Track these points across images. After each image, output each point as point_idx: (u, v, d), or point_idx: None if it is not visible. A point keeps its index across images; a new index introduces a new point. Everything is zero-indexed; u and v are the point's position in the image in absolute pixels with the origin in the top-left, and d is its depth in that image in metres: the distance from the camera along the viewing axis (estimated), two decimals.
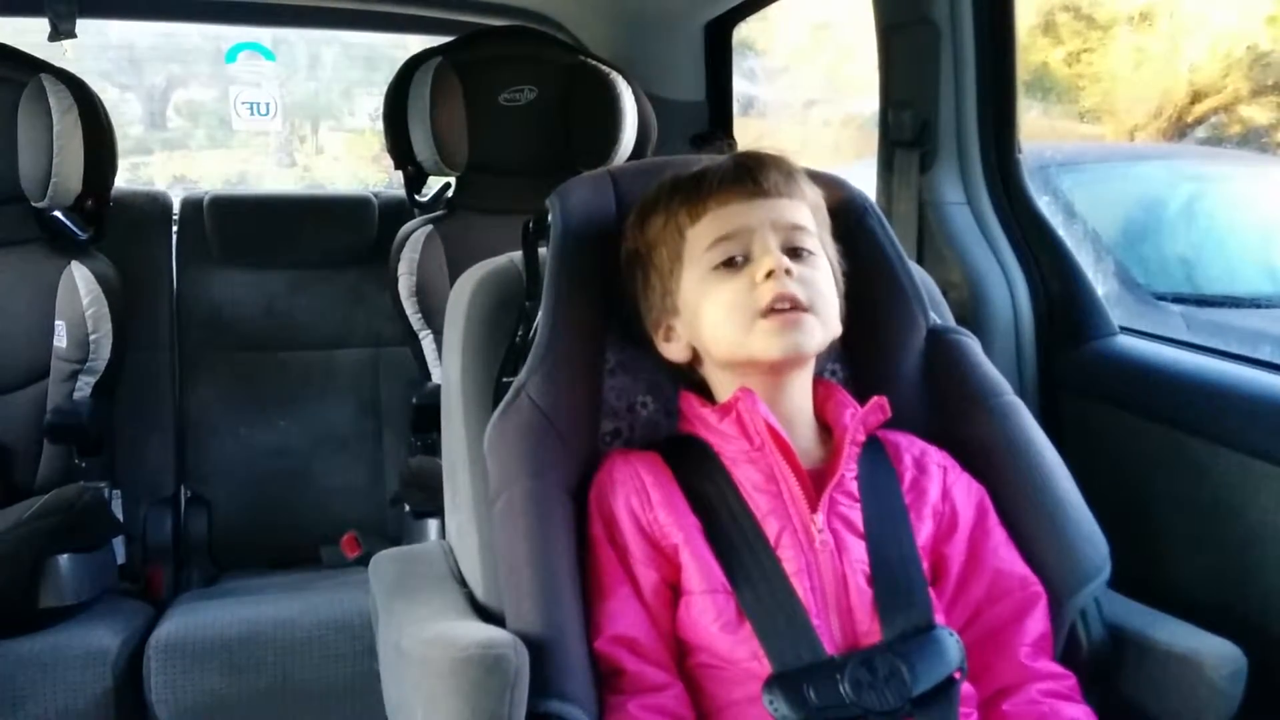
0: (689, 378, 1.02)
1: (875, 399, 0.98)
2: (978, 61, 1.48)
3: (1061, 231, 1.51)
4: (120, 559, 1.81)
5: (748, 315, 0.93)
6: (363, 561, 1.59)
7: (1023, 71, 1.51)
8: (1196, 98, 3.21)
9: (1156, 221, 2.43)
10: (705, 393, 1.01)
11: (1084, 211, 2.04)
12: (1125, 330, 1.45)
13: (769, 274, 0.92)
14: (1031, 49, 3.21)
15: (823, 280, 0.96)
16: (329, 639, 1.57)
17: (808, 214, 0.98)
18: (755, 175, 0.96)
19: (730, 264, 0.95)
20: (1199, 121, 3.22)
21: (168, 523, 2.00)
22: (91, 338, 1.79)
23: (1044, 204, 1.54)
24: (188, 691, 1.52)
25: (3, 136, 1.76)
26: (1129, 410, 1.33)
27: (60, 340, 1.78)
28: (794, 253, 0.95)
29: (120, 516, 1.86)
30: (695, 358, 1.00)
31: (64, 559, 1.57)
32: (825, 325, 0.95)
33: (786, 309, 0.92)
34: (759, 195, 0.96)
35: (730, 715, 0.88)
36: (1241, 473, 1.16)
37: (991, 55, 1.48)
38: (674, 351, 1.00)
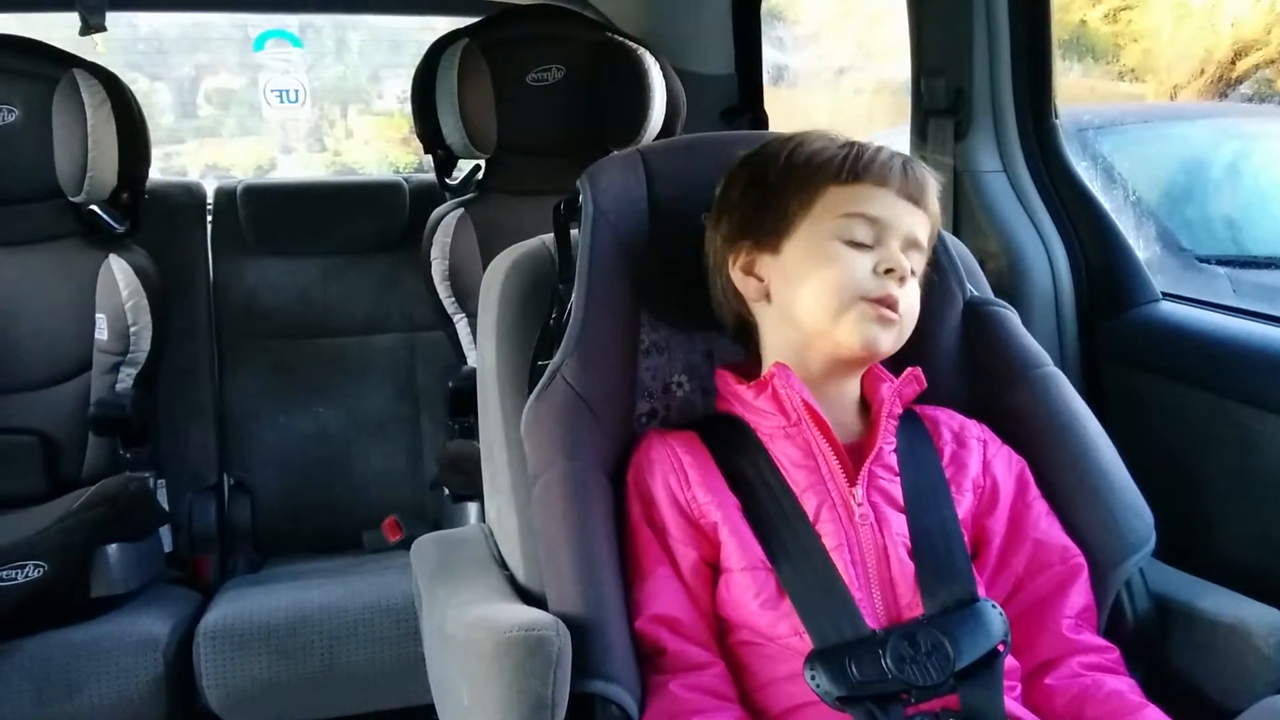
0: (737, 328, 1.01)
1: (910, 370, 0.97)
2: (1012, 25, 1.45)
3: (1101, 197, 1.49)
4: (167, 547, 1.83)
5: (852, 294, 0.92)
6: (404, 545, 1.60)
7: (1060, 30, 1.47)
8: (1240, 53, 3.12)
9: (1201, 182, 2.37)
10: (740, 367, 1.01)
11: (1124, 175, 2.00)
12: (1168, 296, 1.42)
13: (889, 270, 0.92)
14: (1069, 7, 3.13)
15: (916, 301, 0.96)
16: (374, 622, 1.59)
17: (929, 232, 0.98)
18: (915, 181, 0.96)
19: (856, 243, 0.94)
20: (1243, 78, 3.13)
21: (212, 511, 2.02)
22: (132, 329, 1.82)
23: (1082, 169, 1.51)
24: (237, 676, 1.54)
25: (38, 132, 1.78)
26: (1173, 378, 1.31)
27: (101, 333, 1.80)
28: None
29: (166, 505, 1.89)
30: (757, 301, 0.98)
31: (113, 548, 1.60)
32: (901, 339, 0.95)
33: (886, 305, 0.92)
34: (909, 199, 0.95)
35: (772, 692, 0.88)
36: None
37: (1026, 18, 1.45)
38: (747, 286, 0.98)
